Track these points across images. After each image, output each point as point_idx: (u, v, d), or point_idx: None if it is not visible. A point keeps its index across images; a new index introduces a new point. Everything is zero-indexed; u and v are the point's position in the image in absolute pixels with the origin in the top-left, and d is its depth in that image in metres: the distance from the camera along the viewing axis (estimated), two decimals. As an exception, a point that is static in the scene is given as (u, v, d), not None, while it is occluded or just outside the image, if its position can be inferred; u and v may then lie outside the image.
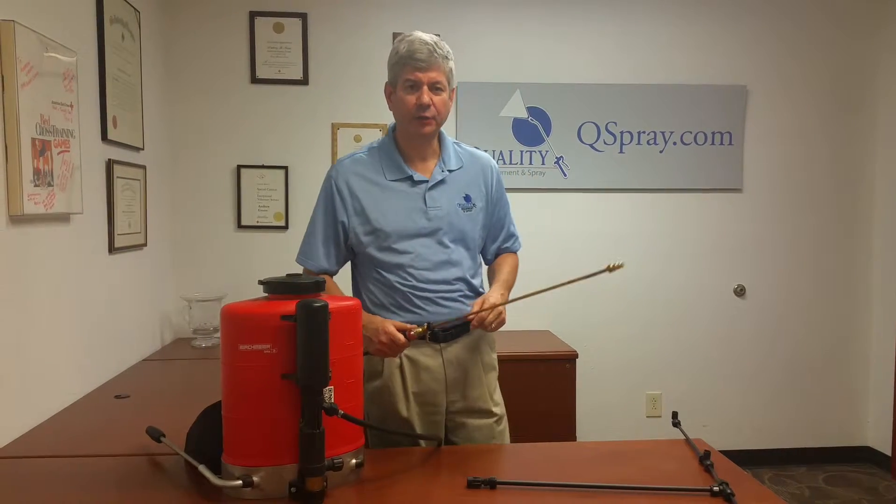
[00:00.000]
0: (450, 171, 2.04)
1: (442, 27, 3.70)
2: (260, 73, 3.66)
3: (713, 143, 3.92)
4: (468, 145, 2.17)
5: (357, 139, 3.72)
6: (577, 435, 3.43)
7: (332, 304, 1.46)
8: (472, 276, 2.06)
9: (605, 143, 3.86)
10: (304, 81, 3.69)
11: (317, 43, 3.69)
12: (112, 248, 2.79)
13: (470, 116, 3.76)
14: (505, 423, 2.14)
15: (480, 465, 1.72)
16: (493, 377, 2.13)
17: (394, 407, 2.01)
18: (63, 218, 2.37)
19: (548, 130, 3.83)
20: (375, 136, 3.72)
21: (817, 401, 4.07)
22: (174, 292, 3.58)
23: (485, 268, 2.20)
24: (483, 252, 2.15)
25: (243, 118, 3.68)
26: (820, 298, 4.05)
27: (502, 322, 1.92)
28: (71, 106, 2.34)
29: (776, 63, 3.93)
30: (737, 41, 3.91)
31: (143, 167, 3.15)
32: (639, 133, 3.88)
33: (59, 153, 2.25)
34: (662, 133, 3.88)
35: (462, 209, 2.02)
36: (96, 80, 2.69)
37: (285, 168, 3.69)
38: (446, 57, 1.96)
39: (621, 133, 3.87)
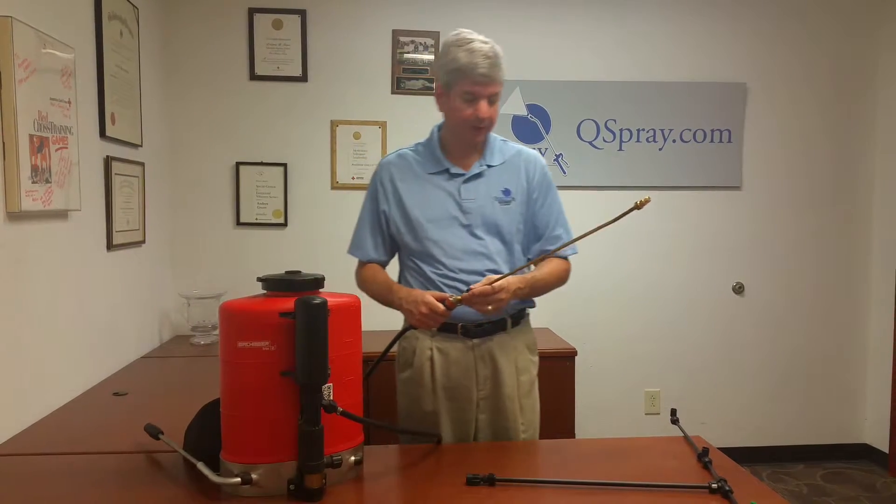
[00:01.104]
0: (489, 165, 2.06)
1: (440, 24, 3.70)
2: (259, 70, 3.66)
3: (712, 141, 3.91)
4: (516, 143, 2.17)
5: (356, 136, 3.71)
6: (576, 432, 3.43)
7: (331, 301, 1.46)
8: (508, 269, 2.03)
9: (604, 140, 3.86)
10: (304, 78, 3.68)
11: (316, 40, 3.69)
12: (110, 245, 2.78)
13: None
14: (533, 434, 2.13)
15: (479, 461, 1.72)
16: (528, 380, 2.12)
17: (420, 399, 2.04)
18: (61, 215, 2.37)
19: (547, 128, 3.83)
20: (374, 133, 3.72)
21: (815, 398, 4.08)
22: (173, 289, 3.58)
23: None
24: (526, 250, 2.13)
25: (242, 115, 3.68)
26: (818, 296, 4.05)
27: (494, 308, 1.87)
28: (69, 102, 2.34)
29: (776, 61, 3.93)
30: (736, 39, 3.91)
31: (142, 164, 3.14)
32: (638, 130, 3.88)
33: (57, 150, 2.24)
34: (662, 130, 3.88)
35: (499, 202, 2.03)
36: (94, 77, 2.69)
37: (284, 165, 3.69)
38: (502, 66, 1.97)
39: (621, 130, 3.87)
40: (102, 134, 2.72)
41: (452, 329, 2.02)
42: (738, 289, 4.00)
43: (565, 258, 2.12)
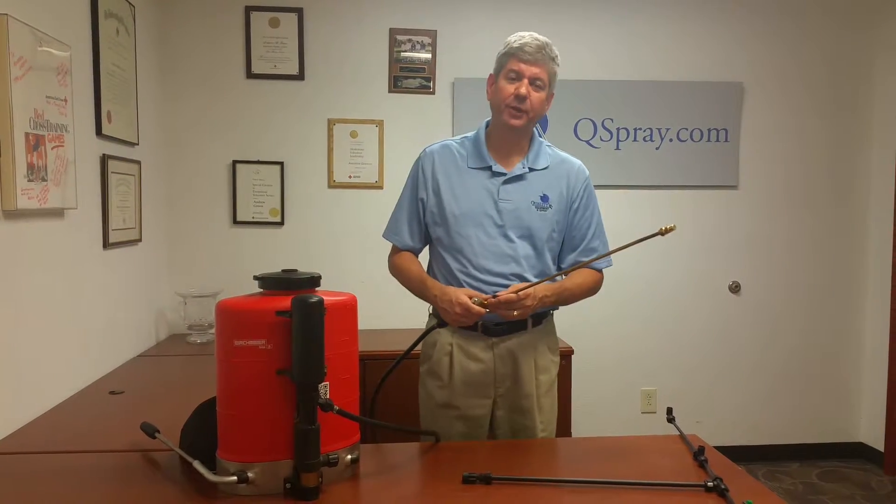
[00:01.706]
0: (532, 169, 2.06)
1: (437, 23, 3.70)
2: (255, 69, 3.65)
3: (709, 140, 3.92)
4: (561, 150, 2.17)
5: (353, 135, 3.71)
6: (573, 431, 3.43)
7: (327, 300, 1.46)
8: (536, 276, 2.02)
9: (601, 139, 3.86)
10: (300, 77, 3.68)
11: (313, 38, 3.68)
12: (106, 244, 2.78)
13: (467, 113, 3.75)
14: (550, 433, 2.14)
15: (476, 460, 1.72)
16: (547, 380, 2.12)
17: (434, 392, 2.06)
18: (57, 213, 2.36)
19: (544, 127, 3.83)
20: (371, 131, 3.71)
21: (811, 397, 4.09)
22: (169, 288, 3.57)
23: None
24: (560, 259, 2.13)
25: (239, 113, 3.67)
26: (814, 295, 4.06)
27: (519, 315, 1.89)
28: (65, 100, 2.33)
29: (772, 60, 3.94)
30: (733, 38, 3.92)
31: (138, 162, 3.13)
32: (635, 130, 3.88)
33: (52, 148, 2.24)
34: (659, 130, 3.89)
35: (536, 207, 2.03)
36: (91, 75, 2.68)
37: (281, 163, 3.68)
38: (553, 59, 2.00)
39: (618, 129, 3.87)
40: (98, 132, 2.72)
41: (473, 326, 2.03)
42: (735, 288, 4.01)
43: (599, 270, 2.13)
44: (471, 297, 1.87)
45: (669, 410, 1.97)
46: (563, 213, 2.07)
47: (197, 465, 1.49)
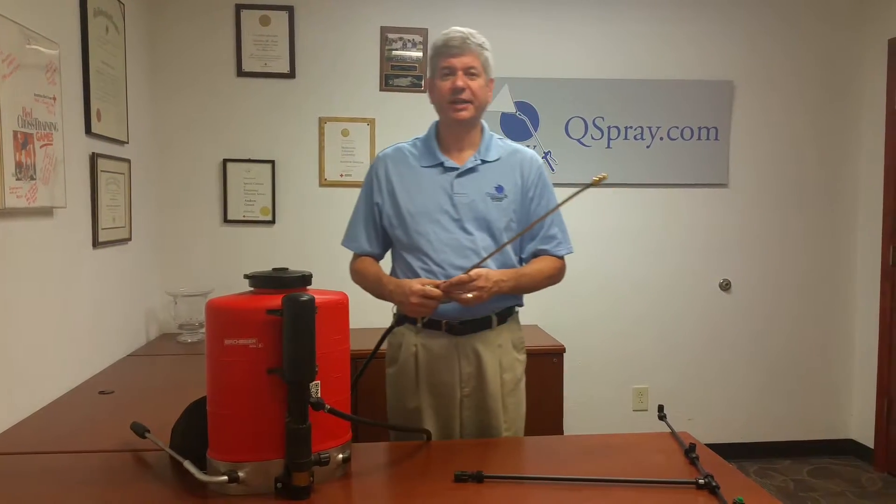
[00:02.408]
0: (484, 161, 2.06)
1: (429, 21, 3.70)
2: (246, 67, 3.64)
3: (700, 139, 3.93)
4: (513, 142, 2.18)
5: (345, 133, 3.70)
6: (565, 429, 3.44)
7: (318, 299, 1.46)
8: (498, 268, 2.02)
9: (592, 137, 3.87)
10: (291, 75, 3.67)
11: (304, 36, 3.67)
12: (96, 243, 2.76)
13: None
14: (516, 432, 2.13)
15: (467, 458, 1.72)
16: (513, 379, 2.11)
17: (405, 394, 2.05)
18: (46, 212, 2.35)
19: (535, 125, 3.83)
20: (363, 130, 3.71)
21: (801, 394, 4.11)
22: (159, 287, 3.56)
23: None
24: (521, 250, 2.13)
25: (229, 112, 3.65)
26: (804, 293, 4.08)
27: (475, 299, 1.87)
28: (54, 99, 2.32)
29: (763, 59, 3.95)
30: (724, 37, 3.93)
31: (128, 161, 3.12)
32: (626, 128, 3.88)
33: (41, 146, 2.22)
34: (649, 128, 3.89)
35: (491, 198, 2.03)
36: (80, 73, 2.66)
37: (272, 162, 3.67)
38: (481, 45, 2.02)
39: (609, 128, 3.88)
40: (88, 130, 2.70)
41: (437, 325, 2.02)
42: (725, 286, 4.02)
43: (560, 257, 2.13)
44: (424, 285, 1.87)
45: (661, 408, 1.98)
46: (518, 202, 2.08)
47: (187, 464, 1.49)
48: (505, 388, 2.09)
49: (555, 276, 2.12)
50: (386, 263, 2.16)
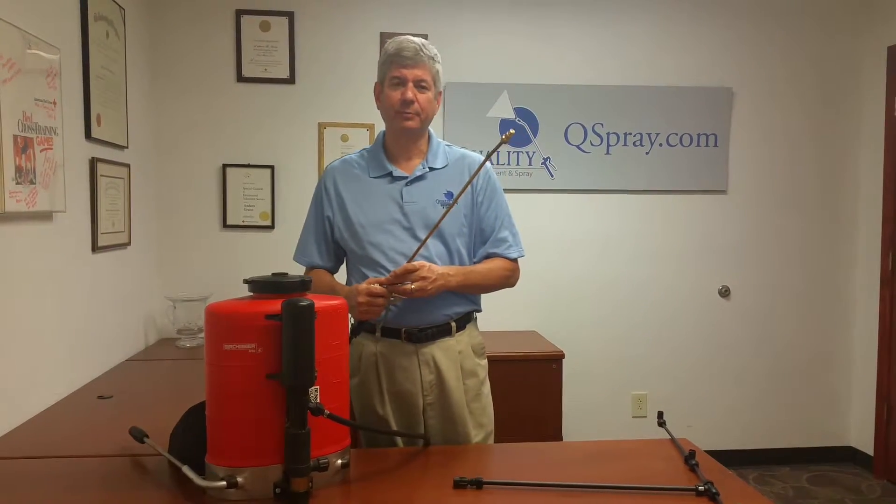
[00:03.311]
0: (432, 168, 2.06)
1: (429, 27, 3.70)
2: (246, 72, 3.64)
3: (699, 145, 3.94)
4: (460, 147, 2.17)
5: (344, 139, 3.71)
6: (564, 435, 3.43)
7: (318, 304, 1.45)
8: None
9: (591, 144, 3.87)
10: (291, 80, 3.67)
11: (304, 42, 3.68)
12: (95, 247, 2.76)
13: (457, 117, 3.76)
14: (487, 436, 2.11)
15: (467, 465, 1.71)
16: (475, 384, 2.08)
17: (371, 404, 2.03)
18: (46, 216, 2.35)
19: (535, 131, 3.84)
20: (362, 135, 3.71)
21: (801, 401, 4.10)
22: (158, 292, 3.55)
23: None
24: (473, 254, 2.11)
25: (229, 117, 3.66)
26: (804, 299, 4.08)
27: (420, 288, 1.85)
28: (54, 103, 2.32)
29: (761, 66, 3.96)
30: (723, 44, 3.94)
31: (128, 165, 3.12)
32: (625, 134, 3.89)
33: (41, 151, 2.22)
34: (649, 135, 3.90)
35: (441, 205, 2.01)
36: (80, 78, 2.67)
37: (271, 167, 3.67)
38: (433, 58, 2.01)
39: (608, 134, 3.88)
40: (88, 135, 2.70)
41: (396, 334, 2.00)
42: (725, 292, 4.02)
43: (513, 260, 2.11)
44: (370, 284, 1.87)
45: (660, 414, 1.97)
46: (468, 206, 2.06)
47: (186, 469, 1.48)
48: (469, 395, 2.06)
49: (508, 278, 2.10)
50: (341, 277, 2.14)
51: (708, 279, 4.02)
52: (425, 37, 3.70)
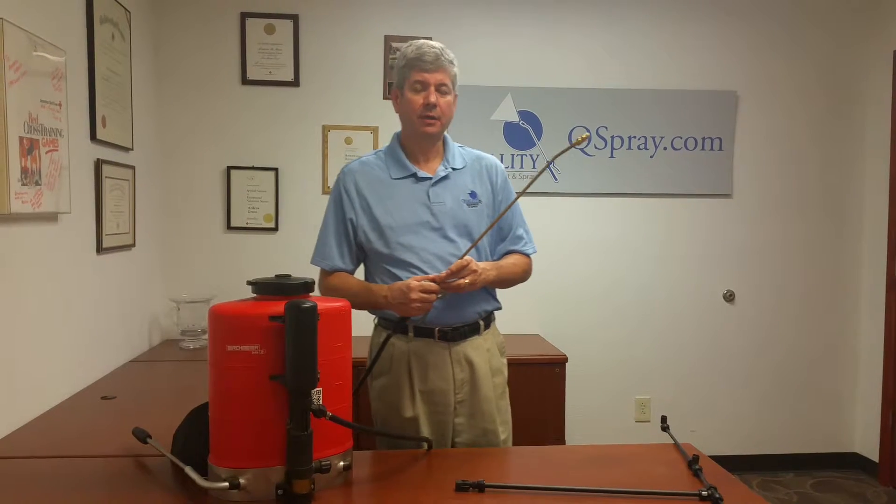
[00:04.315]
0: (454, 168, 2.09)
1: (433, 31, 3.70)
2: (251, 75, 3.65)
3: (703, 149, 3.93)
4: (472, 149, 2.21)
5: (348, 141, 3.71)
6: (567, 439, 3.42)
7: (320, 306, 1.45)
8: None
9: (595, 147, 3.87)
10: (296, 83, 3.68)
11: (308, 45, 3.69)
12: (100, 249, 2.77)
13: (461, 120, 3.71)
14: (509, 434, 2.16)
15: (469, 468, 1.71)
16: (501, 382, 2.15)
17: (399, 405, 2.03)
18: (51, 217, 2.35)
19: (539, 134, 3.84)
20: (366, 138, 3.72)
21: (806, 407, 4.09)
22: (162, 293, 3.56)
23: None
24: (492, 251, 2.16)
25: (234, 119, 3.67)
26: (809, 304, 4.06)
27: (471, 282, 1.91)
28: (59, 105, 2.33)
29: (766, 69, 3.96)
30: (728, 47, 3.93)
31: (132, 167, 3.13)
32: (629, 138, 3.89)
33: (47, 152, 2.23)
34: (653, 138, 3.90)
35: (467, 205, 2.06)
36: (86, 80, 2.68)
37: (275, 170, 3.68)
38: (451, 62, 2.05)
39: (612, 138, 3.88)
40: (93, 137, 2.71)
41: (430, 333, 2.03)
42: (729, 297, 4.01)
43: (527, 255, 2.18)
44: (419, 282, 1.89)
45: (664, 419, 1.97)
46: (490, 206, 2.11)
47: (189, 470, 1.48)
48: (496, 392, 2.11)
49: (526, 272, 2.18)
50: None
51: (712, 283, 4.01)
52: (430, 40, 3.73)
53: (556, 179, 3.84)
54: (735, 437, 4.04)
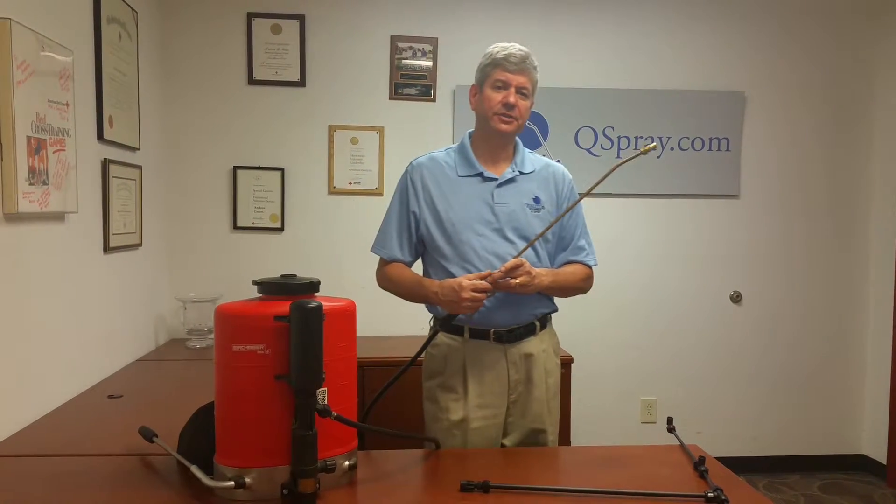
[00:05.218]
0: (521, 172, 2.10)
1: (439, 30, 3.71)
2: (257, 75, 3.66)
3: (710, 150, 3.92)
4: (543, 156, 2.23)
5: (354, 141, 3.71)
6: (572, 440, 3.42)
7: (326, 306, 1.46)
8: None
9: (602, 147, 3.86)
10: (302, 83, 3.68)
11: (314, 45, 3.69)
12: (107, 248, 2.78)
13: (467, 120, 3.70)
14: (556, 435, 2.17)
15: (474, 468, 1.71)
16: (554, 384, 2.16)
17: (449, 407, 2.04)
18: (58, 217, 2.36)
19: (545, 135, 3.83)
20: (372, 138, 3.72)
21: (813, 408, 4.07)
22: (169, 293, 3.57)
23: None
24: (552, 260, 2.16)
25: (240, 119, 3.67)
26: (816, 305, 4.05)
27: (524, 283, 1.91)
28: (67, 105, 2.34)
29: (774, 70, 3.94)
30: (735, 48, 3.92)
31: (139, 167, 3.14)
32: (636, 138, 3.88)
33: (54, 152, 2.24)
34: (660, 138, 3.89)
35: (530, 209, 2.07)
36: (93, 80, 2.68)
37: (281, 170, 3.69)
38: (535, 68, 2.09)
39: (618, 138, 3.87)
40: (100, 136, 2.72)
41: (485, 335, 2.04)
42: (736, 298, 4.00)
43: (590, 266, 2.18)
44: (471, 280, 1.90)
45: (670, 420, 1.97)
46: (554, 214, 2.11)
47: (194, 469, 1.49)
48: (549, 393, 2.12)
49: (586, 283, 2.18)
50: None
51: (719, 285, 4.00)
52: (435, 40, 3.74)
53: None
54: (741, 439, 4.03)
